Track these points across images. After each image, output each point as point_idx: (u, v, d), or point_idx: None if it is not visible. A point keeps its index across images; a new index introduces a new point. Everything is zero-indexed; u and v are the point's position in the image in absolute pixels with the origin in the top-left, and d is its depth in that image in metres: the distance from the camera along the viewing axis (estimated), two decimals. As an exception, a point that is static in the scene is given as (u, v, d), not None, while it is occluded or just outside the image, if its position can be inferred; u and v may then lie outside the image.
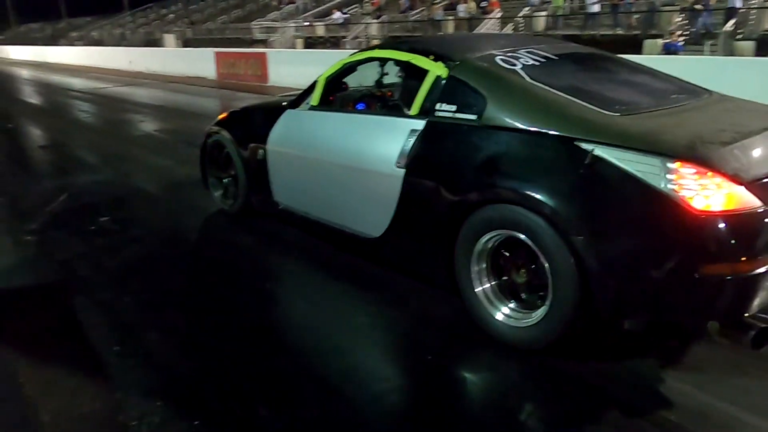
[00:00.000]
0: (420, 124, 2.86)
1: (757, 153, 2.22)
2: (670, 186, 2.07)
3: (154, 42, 34.32)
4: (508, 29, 19.01)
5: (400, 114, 3.10)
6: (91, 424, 2.13)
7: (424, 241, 2.86)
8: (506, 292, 2.57)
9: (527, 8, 19.78)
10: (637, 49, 15.06)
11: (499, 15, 20.17)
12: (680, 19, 15.82)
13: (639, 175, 2.12)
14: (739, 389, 2.22)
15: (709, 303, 2.11)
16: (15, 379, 2.39)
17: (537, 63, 2.87)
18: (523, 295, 2.52)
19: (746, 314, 2.11)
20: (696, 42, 15.18)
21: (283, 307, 3.16)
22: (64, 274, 3.45)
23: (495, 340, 2.52)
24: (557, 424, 2.12)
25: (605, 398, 2.21)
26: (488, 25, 19.83)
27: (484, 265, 2.59)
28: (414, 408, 2.24)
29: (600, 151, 2.21)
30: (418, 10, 24.28)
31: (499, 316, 2.54)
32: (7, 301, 3.17)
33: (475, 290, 2.60)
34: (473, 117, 2.66)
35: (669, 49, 14.30)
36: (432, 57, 2.98)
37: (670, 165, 2.09)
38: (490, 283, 2.59)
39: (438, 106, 2.83)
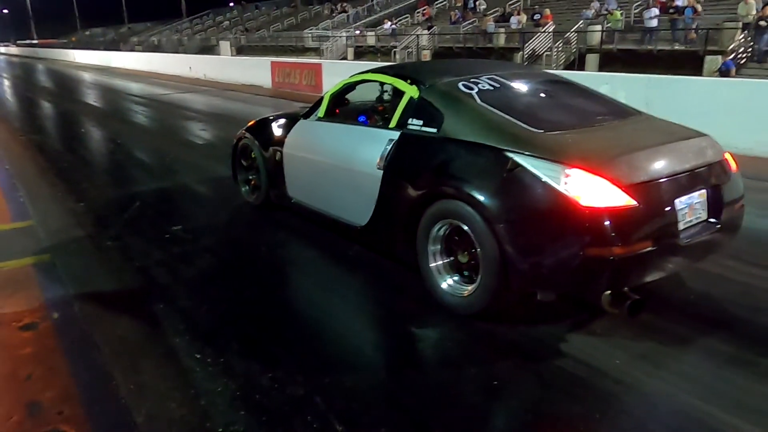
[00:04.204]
0: (396, 135, 3.50)
1: (639, 163, 2.79)
2: (565, 187, 2.64)
3: (209, 48, 35.48)
4: (562, 42, 18.82)
5: (383, 126, 3.70)
6: (182, 430, 2.31)
7: (397, 228, 3.46)
8: (452, 269, 3.20)
9: (581, 22, 19.53)
10: (698, 66, 14.72)
11: (552, 28, 19.99)
12: (742, 36, 15.36)
13: (545, 178, 2.70)
14: (626, 351, 2.77)
15: (596, 278, 2.69)
16: (110, 382, 2.61)
17: (492, 87, 3.46)
18: (465, 272, 3.12)
19: (626, 288, 2.74)
20: (760, 60, 14.72)
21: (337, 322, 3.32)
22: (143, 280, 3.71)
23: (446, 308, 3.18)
24: (486, 368, 2.70)
25: (522, 352, 2.81)
26: (540, 39, 19.71)
27: (438, 247, 3.22)
28: (378, 352, 3.00)
29: (519, 159, 2.80)
30: (469, 21, 24.32)
31: (444, 286, 3.18)
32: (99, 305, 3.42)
33: (430, 266, 3.24)
34: (434, 130, 3.30)
35: (723, 69, 13.96)
36: (409, 81, 3.61)
37: (567, 170, 2.66)
38: (441, 260, 3.23)
39: (410, 120, 3.47)
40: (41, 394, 2.52)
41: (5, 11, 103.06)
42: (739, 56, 14.80)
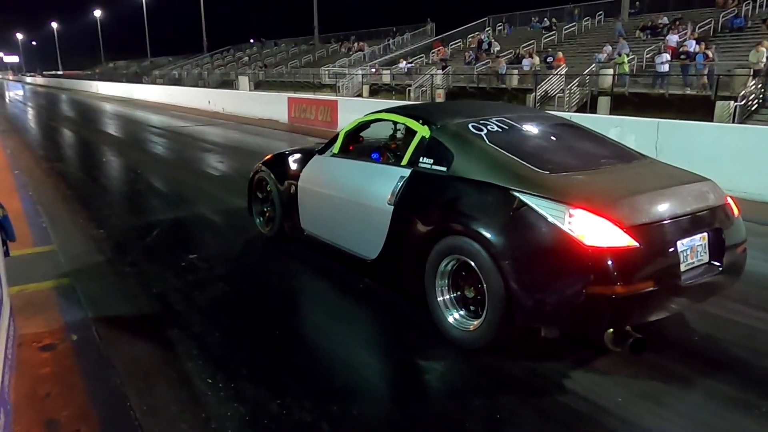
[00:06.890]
0: (407, 172, 3.64)
1: (641, 205, 2.90)
2: (569, 226, 2.75)
3: (228, 83, 36.38)
4: (574, 85, 19.13)
5: (395, 163, 3.85)
6: (193, 450, 2.39)
7: (406, 262, 3.57)
8: (459, 303, 3.30)
9: (594, 65, 19.87)
10: (709, 110, 14.84)
11: (564, 71, 20.34)
12: (753, 82, 15.54)
13: (550, 217, 2.80)
14: (627, 388, 2.83)
15: (598, 316, 2.76)
16: (125, 403, 2.69)
17: (500, 129, 3.59)
18: (471, 307, 3.22)
19: (628, 326, 2.81)
20: (771, 105, 14.85)
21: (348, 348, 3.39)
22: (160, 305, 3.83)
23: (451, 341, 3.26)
24: (489, 400, 2.77)
25: (525, 387, 2.89)
26: (553, 81, 20.06)
27: (446, 282, 3.32)
28: (385, 382, 3.09)
29: (525, 198, 2.91)
30: (483, 62, 24.82)
31: (450, 320, 3.27)
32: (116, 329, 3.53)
33: (437, 299, 3.33)
34: (444, 169, 3.42)
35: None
36: (421, 121, 3.76)
37: (571, 210, 2.77)
38: (448, 295, 3.33)
39: (421, 159, 3.60)
40: (59, 413, 2.62)
41: (33, 43, 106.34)
42: (750, 102, 14.94)
